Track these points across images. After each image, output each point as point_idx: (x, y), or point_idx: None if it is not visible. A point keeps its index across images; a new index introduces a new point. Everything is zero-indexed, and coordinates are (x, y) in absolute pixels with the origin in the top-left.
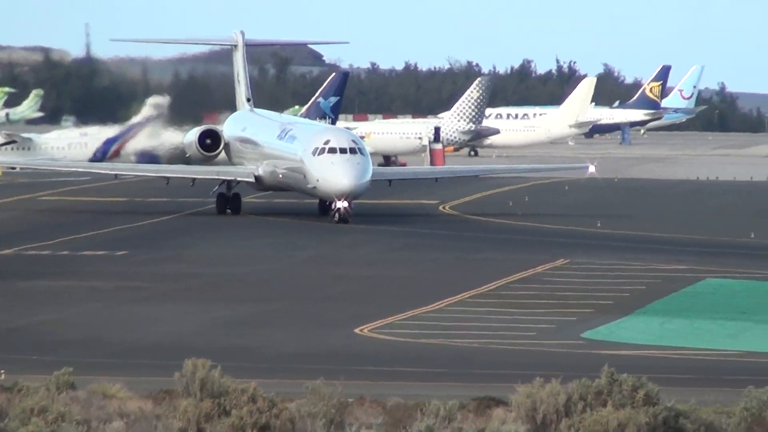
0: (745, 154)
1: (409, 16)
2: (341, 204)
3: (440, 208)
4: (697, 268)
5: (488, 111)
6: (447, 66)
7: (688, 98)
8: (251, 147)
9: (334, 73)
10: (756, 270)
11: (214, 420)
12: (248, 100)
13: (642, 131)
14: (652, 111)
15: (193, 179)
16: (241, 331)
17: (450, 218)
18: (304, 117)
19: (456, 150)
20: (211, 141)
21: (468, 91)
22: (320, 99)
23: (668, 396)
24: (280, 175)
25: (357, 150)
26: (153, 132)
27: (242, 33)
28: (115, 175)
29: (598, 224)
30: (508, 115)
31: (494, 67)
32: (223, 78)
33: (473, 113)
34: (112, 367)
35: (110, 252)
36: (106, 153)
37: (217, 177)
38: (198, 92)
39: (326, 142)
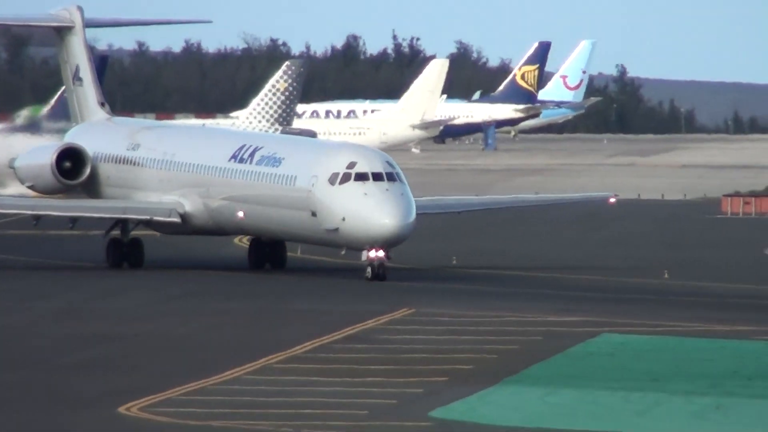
0: (654, 164)
1: None
2: (377, 254)
3: (237, 240)
4: (590, 319)
5: (301, 107)
6: (242, 46)
7: (575, 87)
8: (155, 173)
9: None
10: (669, 322)
11: None
12: (102, 104)
13: (512, 133)
14: (525, 106)
15: (74, 219)
16: None
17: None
18: (47, 118)
19: None
20: (71, 164)
21: (272, 81)
22: None
23: None
24: (242, 214)
25: (395, 176)
26: None
27: (80, 9)
28: None
29: (454, 261)
30: (329, 113)
31: (308, 47)
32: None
33: (280, 111)
34: None
35: None
36: None
37: (123, 216)
38: None
39: (351, 166)
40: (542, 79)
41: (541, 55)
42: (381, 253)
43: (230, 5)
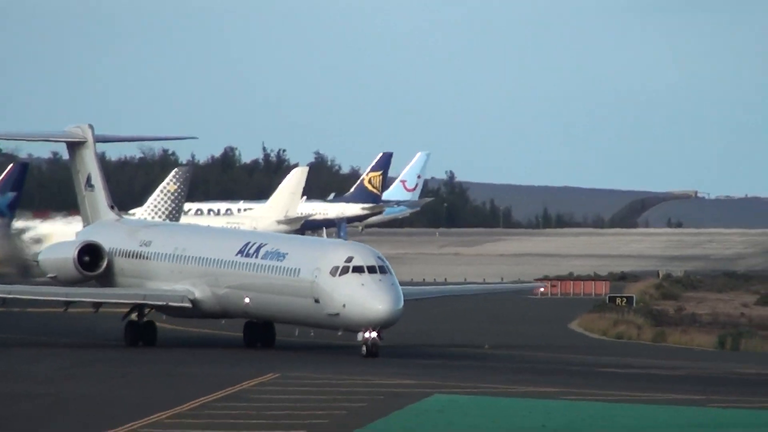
0: (477, 253)
1: (94, 96)
2: (371, 335)
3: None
4: (424, 382)
5: (187, 206)
6: (139, 155)
7: (412, 189)
8: (167, 265)
9: (11, 164)
10: (491, 384)
11: None
12: (112, 207)
13: (360, 227)
14: (371, 205)
15: (98, 304)
16: None
17: None
18: None
19: None
20: (89, 258)
21: (163, 184)
22: None
23: None
24: (247, 300)
25: (387, 269)
26: None
27: (91, 127)
28: (3, 300)
29: (312, 334)
30: (210, 211)
31: (193, 156)
32: None
33: (170, 209)
34: None
35: None
36: None
37: (143, 302)
38: None
39: (349, 260)
40: (385, 183)
41: (384, 163)
42: (374, 334)
43: (129, 123)
